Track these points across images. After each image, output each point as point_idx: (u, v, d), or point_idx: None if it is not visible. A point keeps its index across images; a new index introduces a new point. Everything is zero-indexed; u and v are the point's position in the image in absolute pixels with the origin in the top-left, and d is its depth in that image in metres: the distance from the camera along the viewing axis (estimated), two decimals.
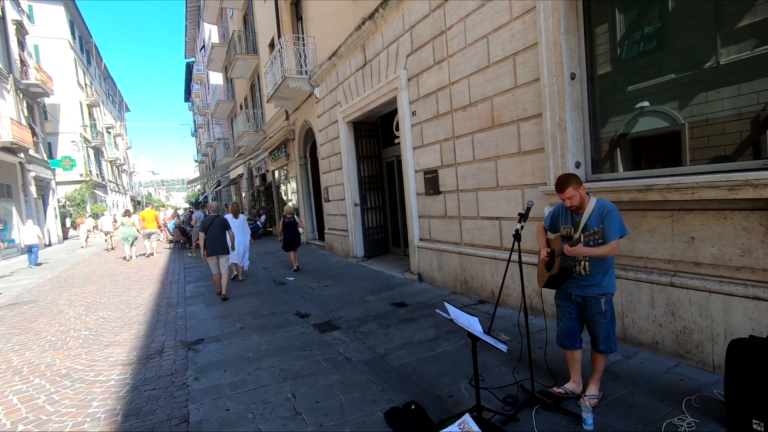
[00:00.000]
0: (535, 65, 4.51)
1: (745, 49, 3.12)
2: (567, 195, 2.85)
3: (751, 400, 2.42)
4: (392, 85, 7.25)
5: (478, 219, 5.65)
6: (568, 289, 3.02)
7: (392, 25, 7.17)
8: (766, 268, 2.91)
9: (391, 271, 8.06)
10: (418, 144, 6.82)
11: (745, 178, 2.82)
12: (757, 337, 2.53)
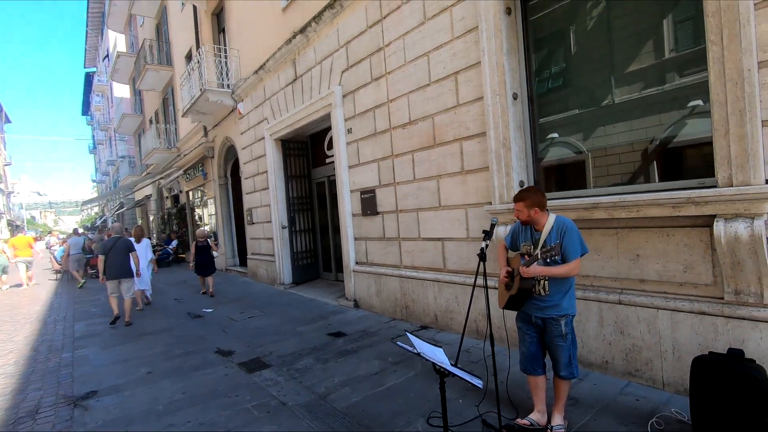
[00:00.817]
0: (478, 84, 4.49)
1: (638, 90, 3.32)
2: (518, 207, 2.80)
3: (717, 418, 2.37)
4: (326, 101, 6.93)
5: (420, 240, 5.44)
6: (528, 310, 2.86)
7: (326, 40, 6.91)
8: (708, 283, 3.00)
9: (324, 297, 7.52)
10: (354, 163, 6.52)
11: (688, 196, 2.91)
12: (716, 353, 2.53)
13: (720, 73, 2.79)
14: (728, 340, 2.86)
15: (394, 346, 4.74)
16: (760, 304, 2.74)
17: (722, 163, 2.82)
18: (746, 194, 2.66)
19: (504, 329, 4.10)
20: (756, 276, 2.72)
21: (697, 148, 3.29)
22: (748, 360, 2.39)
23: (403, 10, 5.36)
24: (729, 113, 2.76)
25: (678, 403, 2.97)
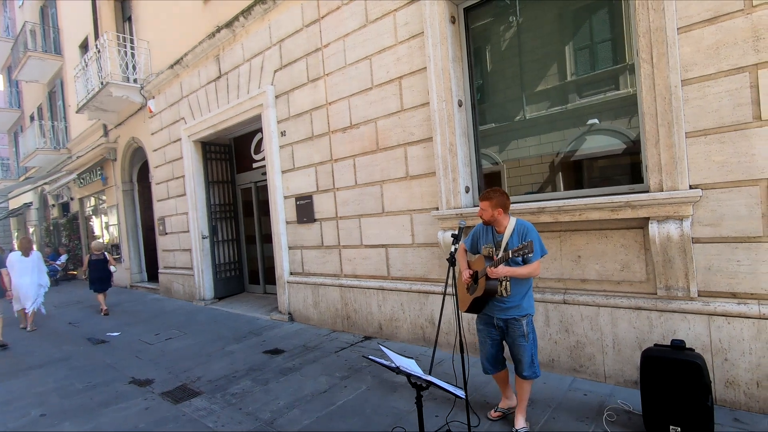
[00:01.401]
0: (422, 90, 4.49)
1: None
2: (483, 206, 2.81)
3: (666, 407, 2.54)
4: (256, 101, 6.49)
5: (362, 248, 5.27)
6: (489, 312, 2.87)
7: (256, 37, 6.49)
8: (642, 281, 3.26)
9: (253, 312, 6.97)
10: (289, 167, 6.16)
11: (626, 200, 3.14)
12: (661, 345, 2.73)
13: (650, 88, 3.07)
14: (662, 332, 3.12)
15: (339, 359, 4.50)
16: (687, 298, 3.03)
17: (653, 170, 3.09)
18: (676, 198, 2.94)
19: (455, 335, 4.11)
20: (684, 272, 3.01)
21: (619, 158, 3.60)
22: (689, 349, 2.61)
23: (342, 11, 5.21)
24: (659, 125, 3.04)
25: (621, 395, 3.17)
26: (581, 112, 3.77)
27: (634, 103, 3.36)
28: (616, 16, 3.56)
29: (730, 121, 2.84)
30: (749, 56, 2.76)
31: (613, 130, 3.61)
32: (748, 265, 2.83)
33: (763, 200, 2.77)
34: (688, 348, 2.62)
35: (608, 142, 3.64)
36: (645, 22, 3.07)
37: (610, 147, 3.65)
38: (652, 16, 3.03)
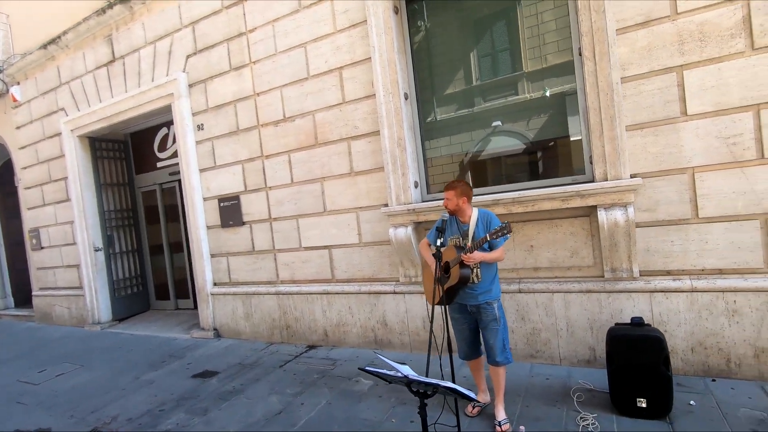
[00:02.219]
0: (366, 81, 4.30)
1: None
2: (448, 195, 2.83)
3: (632, 381, 2.70)
4: (164, 89, 5.66)
5: (301, 250, 4.89)
6: (462, 301, 2.86)
7: (162, 16, 5.67)
8: (590, 265, 3.48)
9: (167, 332, 6.08)
10: (209, 165, 5.49)
11: (575, 190, 3.32)
12: (622, 323, 2.91)
13: (594, 85, 3.28)
14: (610, 311, 3.36)
15: (287, 374, 4.09)
16: (631, 278, 3.30)
17: (598, 161, 3.31)
18: (621, 186, 3.18)
19: (418, 333, 4.01)
20: (627, 255, 3.27)
21: (561, 149, 3.83)
22: (647, 325, 2.82)
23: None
24: (603, 118, 3.26)
25: (578, 375, 3.34)
26: (528, 106, 3.92)
27: (569, 102, 3.57)
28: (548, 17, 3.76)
29: (661, 116, 3.15)
30: (676, 58, 3.09)
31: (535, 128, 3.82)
32: (680, 244, 3.16)
33: (690, 186, 3.11)
34: (646, 324, 2.83)
35: (542, 136, 3.84)
36: (587, 22, 3.27)
37: (528, 143, 3.85)
38: (594, 17, 3.24)
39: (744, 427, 2.50)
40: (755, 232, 2.95)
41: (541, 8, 3.76)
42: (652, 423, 2.62)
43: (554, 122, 3.81)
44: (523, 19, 3.85)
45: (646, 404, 2.66)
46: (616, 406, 2.79)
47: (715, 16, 2.97)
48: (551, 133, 3.85)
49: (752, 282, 2.94)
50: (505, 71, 4.04)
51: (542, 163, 3.97)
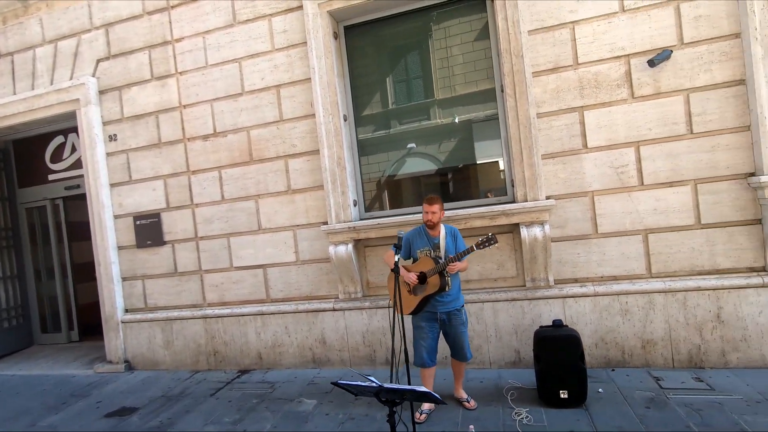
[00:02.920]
0: (305, 101, 4.37)
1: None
2: (433, 209, 3.06)
3: (555, 376, 3.11)
4: (68, 94, 5.07)
5: (232, 270, 4.68)
6: (432, 309, 3.09)
7: (66, 14, 5.11)
8: (513, 276, 3.92)
9: (61, 369, 5.29)
10: (123, 179, 5.02)
11: (502, 209, 3.75)
12: (545, 326, 3.33)
13: (515, 118, 3.77)
14: (531, 317, 3.81)
15: (221, 402, 3.86)
16: (547, 286, 3.79)
17: (520, 184, 3.79)
18: (539, 207, 3.67)
19: (357, 348, 4.10)
20: (544, 266, 3.76)
21: (485, 172, 4.29)
22: (565, 326, 3.27)
23: (203, 5, 4.64)
24: (522, 148, 3.76)
25: (507, 376, 3.71)
26: (423, 132, 4.32)
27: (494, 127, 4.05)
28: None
29: (568, 148, 3.74)
30: (578, 100, 3.71)
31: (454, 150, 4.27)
32: (584, 256, 3.74)
33: (591, 207, 3.72)
34: (564, 325, 3.28)
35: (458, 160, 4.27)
36: (509, 64, 3.77)
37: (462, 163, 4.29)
38: (514, 60, 3.75)
39: (640, 406, 3.02)
40: (639, 244, 3.62)
41: (465, 49, 4.21)
42: (572, 411, 3.04)
43: (491, 147, 4.25)
44: (448, 49, 4.27)
45: (567, 395, 3.07)
46: (543, 400, 3.17)
47: (606, 69, 3.65)
48: (482, 158, 4.28)
49: (638, 285, 3.60)
50: (420, 97, 4.40)
51: (471, 184, 4.37)
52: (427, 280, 3.00)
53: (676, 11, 3.49)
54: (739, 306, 3.40)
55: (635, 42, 3.58)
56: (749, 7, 3.27)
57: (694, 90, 3.48)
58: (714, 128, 3.45)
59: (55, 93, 5.13)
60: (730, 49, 3.40)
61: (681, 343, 3.53)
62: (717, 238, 3.47)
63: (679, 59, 3.49)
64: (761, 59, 3.26)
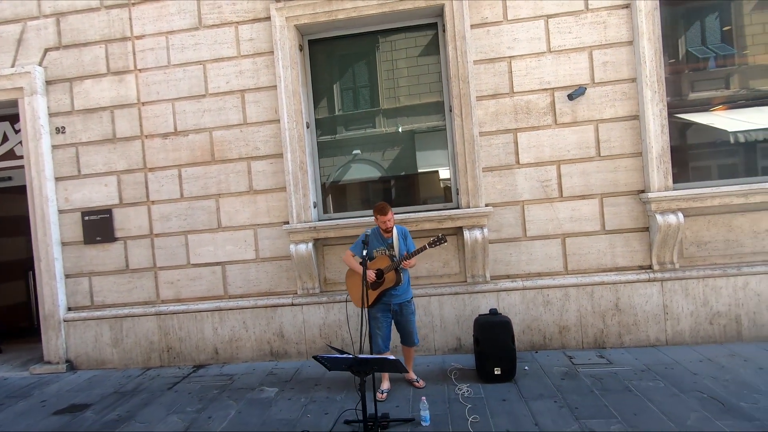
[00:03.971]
0: (269, 107, 4.62)
1: None
2: (389, 218, 3.46)
3: (491, 355, 3.67)
4: (9, 82, 4.84)
5: (189, 267, 4.76)
6: (387, 301, 3.49)
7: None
8: (457, 273, 4.47)
9: None
10: (71, 173, 4.88)
11: (449, 214, 4.28)
12: (483, 314, 3.89)
13: (461, 136, 4.34)
14: (471, 308, 4.37)
15: (180, 395, 3.96)
16: (484, 282, 4.38)
17: (464, 193, 4.36)
18: (479, 213, 4.25)
19: (314, 341, 4.41)
20: (482, 264, 4.34)
21: (435, 182, 4.83)
22: (499, 314, 3.85)
23: (167, 5, 4.71)
24: (467, 162, 4.33)
25: (450, 360, 4.23)
26: (369, 140, 4.81)
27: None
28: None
29: (504, 163, 4.38)
30: (513, 123, 4.36)
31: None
32: (515, 256, 4.39)
33: (521, 214, 4.38)
34: (499, 313, 3.87)
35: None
36: (457, 89, 4.34)
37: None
38: (461, 86, 4.32)
39: (557, 378, 3.67)
40: (558, 246, 4.34)
41: (421, 71, 4.74)
42: (504, 385, 3.61)
43: (431, 157, 4.78)
44: (398, 71, 4.77)
45: (500, 372, 3.64)
46: (480, 377, 3.71)
47: (536, 98, 4.34)
48: (428, 167, 4.80)
49: (557, 281, 4.30)
50: (368, 105, 4.85)
51: (420, 191, 4.87)
52: (384, 275, 3.41)
53: (589, 56, 4.28)
54: (631, 297, 4.22)
55: (559, 78, 4.32)
56: (642, 59, 4.12)
57: (602, 121, 4.28)
58: (616, 153, 4.27)
59: None
60: (628, 90, 4.24)
61: (589, 328, 4.28)
62: (617, 242, 4.28)
63: (591, 95, 4.27)
64: (650, 100, 4.12)
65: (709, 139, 4.42)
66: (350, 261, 3.55)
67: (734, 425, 2.76)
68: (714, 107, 4.43)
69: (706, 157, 4.53)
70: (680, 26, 4.48)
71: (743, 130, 4.37)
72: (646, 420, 2.91)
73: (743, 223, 4.14)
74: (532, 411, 3.16)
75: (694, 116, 4.43)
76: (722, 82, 4.53)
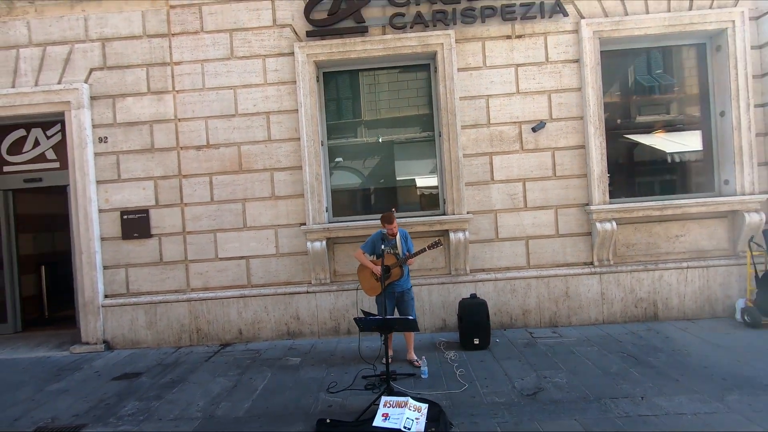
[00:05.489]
0: (290, 127, 5.54)
1: None
2: (395, 225, 4.35)
3: (471, 329, 4.74)
4: (57, 96, 5.52)
5: (217, 261, 5.58)
6: (392, 290, 4.40)
7: (60, 23, 5.57)
8: (443, 266, 5.52)
9: (30, 353, 5.55)
10: (111, 177, 5.60)
11: (438, 219, 5.34)
12: (466, 298, 4.96)
13: (448, 157, 5.42)
14: (454, 295, 5.42)
15: (217, 364, 4.79)
16: (465, 274, 5.46)
17: (450, 202, 5.43)
18: (462, 219, 5.33)
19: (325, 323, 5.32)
20: (464, 260, 5.42)
21: (429, 194, 5.89)
22: (478, 297, 4.93)
23: (203, 38, 5.55)
24: (453, 177, 5.41)
25: (438, 337, 5.26)
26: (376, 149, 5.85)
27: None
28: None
29: (482, 180, 5.49)
30: (489, 148, 5.49)
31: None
32: (489, 253, 5.49)
33: (495, 221, 5.50)
34: (477, 297, 4.95)
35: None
36: (446, 119, 5.42)
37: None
38: (449, 117, 5.41)
39: (520, 347, 4.77)
40: (523, 247, 5.48)
41: (412, 104, 5.80)
42: (481, 351, 4.68)
43: (421, 168, 5.83)
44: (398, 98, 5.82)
45: (478, 342, 4.71)
46: (463, 346, 4.77)
47: (507, 129, 5.49)
48: (413, 177, 5.85)
49: (522, 273, 5.44)
50: (369, 130, 5.90)
51: (418, 200, 5.91)
52: (391, 271, 4.39)
53: (548, 98, 5.47)
54: (577, 286, 5.41)
55: (525, 114, 5.48)
56: (587, 102, 5.35)
57: (558, 149, 5.47)
58: (567, 174, 5.47)
59: (42, 93, 5.53)
60: (577, 125, 5.46)
61: (545, 311, 5.44)
62: (567, 244, 5.47)
63: (550, 128, 5.46)
64: (593, 135, 5.35)
65: (646, 158, 5.74)
66: (362, 258, 4.50)
67: (642, 371, 3.94)
68: (655, 130, 5.75)
69: (642, 173, 5.86)
70: (620, 71, 5.78)
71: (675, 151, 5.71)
72: (583, 370, 4.05)
73: (660, 230, 5.43)
74: (502, 367, 4.24)
75: (636, 137, 5.74)
76: (663, 109, 5.88)
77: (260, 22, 5.52)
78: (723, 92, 5.45)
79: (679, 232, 5.41)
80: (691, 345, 4.53)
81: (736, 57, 5.30)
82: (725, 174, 5.48)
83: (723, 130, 5.49)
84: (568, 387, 3.73)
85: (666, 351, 4.40)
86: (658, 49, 5.78)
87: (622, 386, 3.67)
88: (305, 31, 5.46)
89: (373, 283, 4.42)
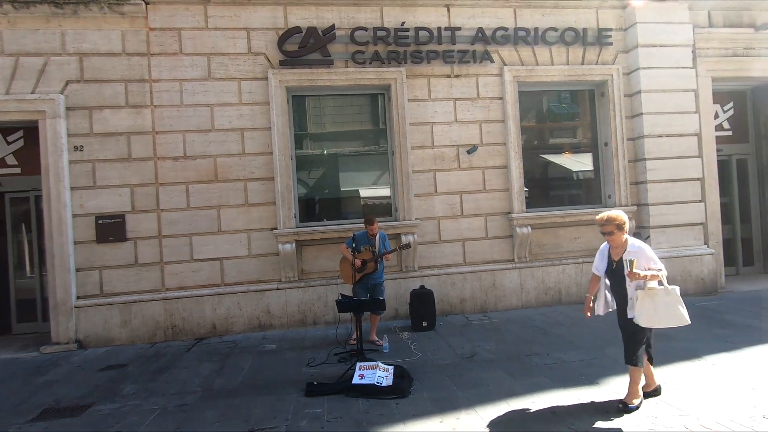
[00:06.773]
0: (263, 143, 6.26)
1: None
2: (375, 227, 5.31)
3: (421, 314, 5.78)
4: (31, 105, 5.74)
5: (192, 262, 6.09)
6: (366, 282, 5.31)
7: (34, 36, 5.81)
8: (395, 264, 6.53)
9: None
10: (86, 184, 5.90)
11: (391, 224, 6.35)
12: (416, 289, 5.99)
13: (400, 172, 6.48)
14: (405, 287, 6.41)
15: (198, 353, 5.33)
16: (414, 270, 6.51)
17: (401, 210, 6.49)
18: (412, 224, 6.40)
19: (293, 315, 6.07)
20: (413, 259, 6.47)
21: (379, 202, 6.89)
22: (426, 288, 5.99)
23: (182, 59, 6.11)
24: (404, 189, 6.47)
25: (392, 324, 6.24)
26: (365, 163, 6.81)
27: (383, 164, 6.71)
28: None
29: (427, 192, 6.62)
30: (433, 166, 6.64)
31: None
32: (434, 253, 6.61)
33: (437, 226, 6.64)
34: (426, 289, 6.01)
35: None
36: (398, 140, 6.50)
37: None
38: (401, 140, 6.49)
39: (459, 327, 5.90)
40: (460, 247, 6.67)
41: (369, 126, 6.81)
42: (429, 332, 5.73)
43: (376, 180, 6.83)
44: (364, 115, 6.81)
45: (427, 324, 5.77)
46: (414, 328, 5.81)
47: (447, 151, 6.68)
48: (378, 190, 6.84)
49: (459, 269, 6.62)
50: (330, 144, 6.85)
51: (372, 207, 6.88)
52: (367, 264, 5.30)
53: (479, 126, 6.76)
54: (502, 279, 6.71)
55: (462, 138, 6.72)
56: (509, 131, 6.72)
57: (487, 168, 6.77)
58: (494, 188, 6.78)
59: (15, 101, 5.73)
60: (501, 149, 6.81)
61: (477, 300, 6.65)
62: (494, 244, 6.76)
63: (481, 151, 6.74)
64: (513, 158, 6.72)
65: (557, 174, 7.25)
66: (345, 251, 5.35)
67: (548, 339, 5.23)
68: (563, 152, 7.29)
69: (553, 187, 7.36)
70: (535, 105, 7.26)
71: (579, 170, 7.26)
72: (506, 339, 5.26)
73: (563, 233, 6.92)
74: (446, 341, 5.32)
75: (549, 156, 7.23)
76: (569, 133, 7.45)
77: (236, 49, 6.22)
78: (606, 127, 7.13)
79: (577, 235, 6.95)
80: (583, 320, 5.91)
81: (614, 101, 7.00)
82: (608, 190, 7.15)
83: (606, 156, 7.16)
84: (496, 351, 4.89)
85: (566, 324, 5.77)
86: (563, 91, 7.39)
87: (534, 348, 4.91)
88: (278, 60, 6.26)
89: (350, 272, 5.28)
